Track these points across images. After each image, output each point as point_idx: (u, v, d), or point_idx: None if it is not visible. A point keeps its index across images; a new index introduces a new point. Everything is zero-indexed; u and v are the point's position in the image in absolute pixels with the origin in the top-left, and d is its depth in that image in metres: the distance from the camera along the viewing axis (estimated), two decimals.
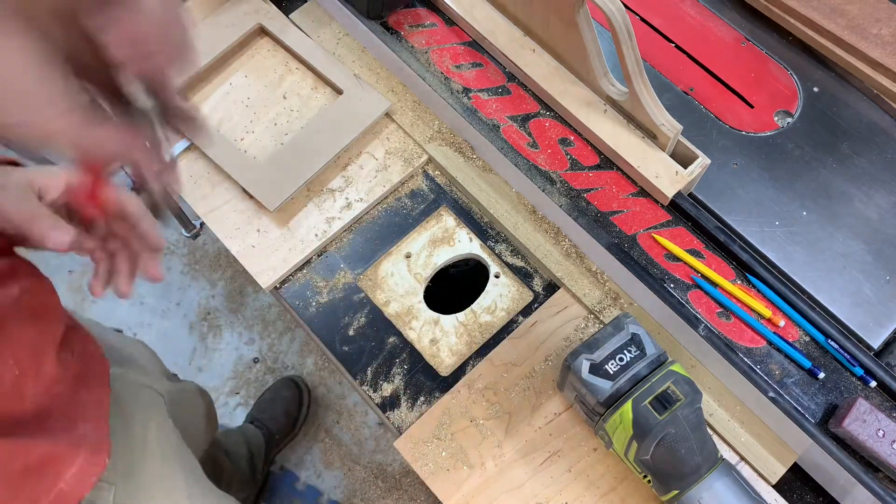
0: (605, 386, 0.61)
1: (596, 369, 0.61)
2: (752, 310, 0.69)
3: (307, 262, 0.77)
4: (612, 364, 0.61)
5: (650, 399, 0.59)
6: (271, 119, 0.82)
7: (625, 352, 0.61)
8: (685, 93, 0.82)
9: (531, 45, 0.79)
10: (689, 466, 0.59)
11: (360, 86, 0.82)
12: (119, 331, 0.93)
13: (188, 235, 1.46)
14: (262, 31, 0.87)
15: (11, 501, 0.51)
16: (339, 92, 0.83)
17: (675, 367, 0.61)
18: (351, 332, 0.74)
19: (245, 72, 0.85)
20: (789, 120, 0.81)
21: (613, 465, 0.68)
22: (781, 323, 0.69)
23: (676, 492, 0.60)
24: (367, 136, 0.82)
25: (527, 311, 0.75)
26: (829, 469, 0.64)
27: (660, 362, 0.62)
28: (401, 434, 0.69)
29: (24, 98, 0.35)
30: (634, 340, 0.62)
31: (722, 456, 0.62)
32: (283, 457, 1.56)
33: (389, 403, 0.71)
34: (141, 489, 0.69)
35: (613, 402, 0.61)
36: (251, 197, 0.78)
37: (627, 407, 0.59)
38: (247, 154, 0.79)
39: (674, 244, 0.71)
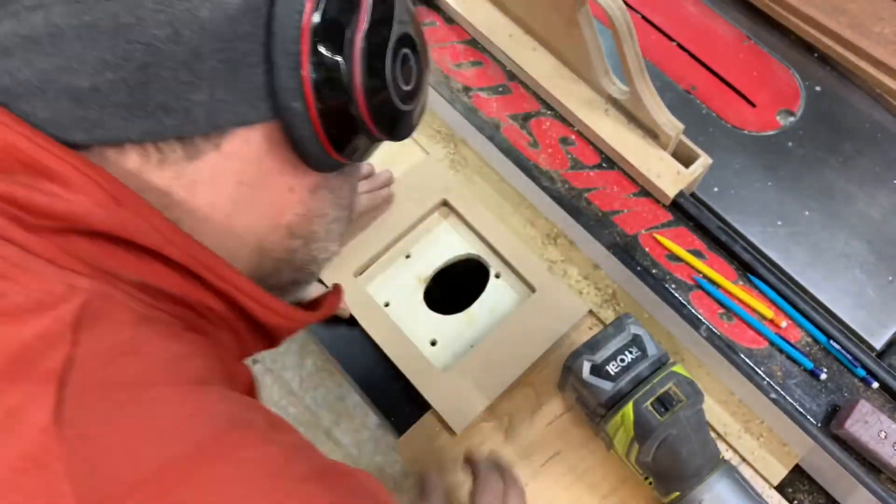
0: (606, 387, 0.60)
1: (597, 370, 0.61)
2: (754, 310, 0.69)
3: None
4: (613, 365, 0.61)
5: (651, 400, 0.59)
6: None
7: (626, 353, 0.61)
8: (687, 91, 0.82)
9: (531, 44, 0.79)
10: (691, 468, 0.58)
11: (556, 283, 0.73)
12: None
13: None
14: (446, 206, 0.79)
15: None
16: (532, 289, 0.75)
17: (677, 369, 0.61)
18: (351, 333, 0.73)
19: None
20: (791, 119, 0.81)
21: (614, 467, 0.67)
22: (783, 324, 0.68)
23: (678, 493, 0.59)
24: None
25: None
26: (830, 471, 0.64)
27: (661, 363, 0.62)
28: (401, 435, 0.69)
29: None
30: (636, 341, 0.62)
31: (723, 457, 0.62)
32: None
33: (390, 404, 0.70)
34: None
35: (614, 403, 0.60)
36: None
37: (629, 408, 0.59)
38: None
39: (675, 244, 0.71)
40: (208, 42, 0.33)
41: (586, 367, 0.61)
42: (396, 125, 0.40)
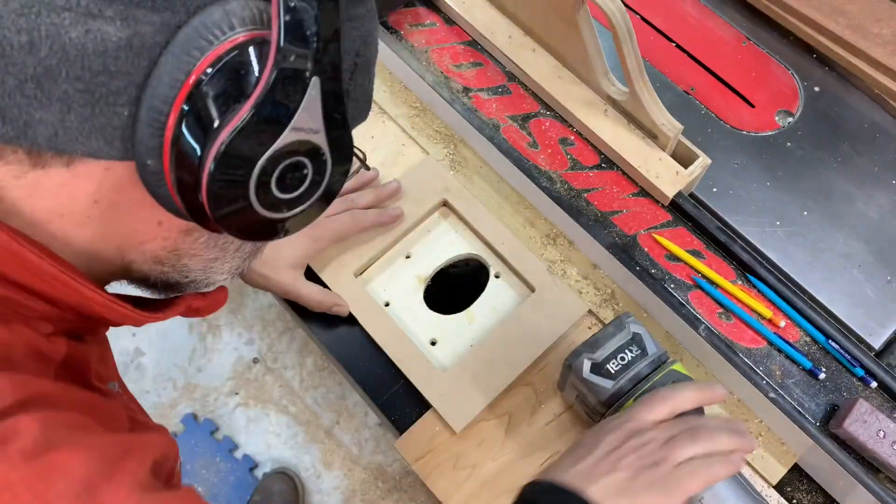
0: (607, 385, 0.60)
1: (597, 369, 0.61)
2: (753, 310, 0.69)
3: None
4: (613, 363, 0.61)
5: None
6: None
7: (626, 351, 0.61)
8: (686, 92, 0.82)
9: (531, 45, 0.79)
10: None
11: (556, 284, 0.73)
12: None
13: None
14: (446, 206, 0.79)
15: None
16: (531, 289, 0.74)
17: (677, 367, 0.61)
18: (351, 333, 0.73)
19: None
20: (790, 120, 0.81)
21: None
22: (782, 323, 0.68)
23: None
24: (364, 138, 0.82)
25: None
26: (829, 470, 0.64)
27: (661, 362, 0.62)
28: (401, 434, 0.69)
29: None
30: (635, 340, 0.62)
31: None
32: (279, 457, 1.56)
33: (389, 403, 0.71)
34: None
35: (615, 401, 0.61)
36: None
37: (629, 407, 0.59)
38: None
39: (674, 244, 0.71)
40: (69, 66, 0.30)
41: (587, 365, 0.61)
42: (249, 229, 0.36)
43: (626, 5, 0.63)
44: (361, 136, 0.82)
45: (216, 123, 0.31)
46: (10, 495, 0.30)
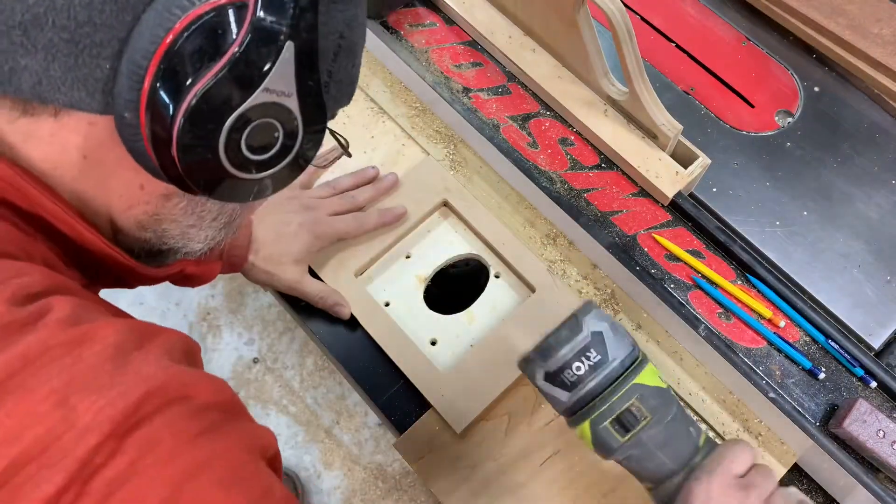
0: (563, 397, 0.53)
1: (552, 378, 0.53)
2: (753, 310, 0.69)
3: None
4: (568, 373, 0.52)
5: (610, 420, 0.51)
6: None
7: (583, 358, 0.52)
8: (685, 92, 0.82)
9: (531, 45, 0.79)
10: (661, 474, 0.54)
11: (556, 284, 0.73)
12: None
13: None
14: (446, 206, 0.79)
15: None
16: (531, 289, 0.74)
17: (643, 377, 0.53)
18: (351, 333, 0.73)
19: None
20: (790, 120, 0.81)
21: (613, 465, 0.67)
22: (782, 323, 0.68)
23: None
24: (365, 138, 0.82)
25: None
26: (829, 469, 0.64)
27: (624, 368, 0.53)
28: (401, 434, 0.69)
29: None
30: (595, 342, 0.52)
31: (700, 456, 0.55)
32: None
33: (389, 403, 0.71)
34: None
35: (573, 413, 0.53)
36: None
37: (585, 427, 0.52)
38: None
39: (674, 244, 0.71)
40: (55, 14, 0.31)
41: (539, 373, 0.54)
42: (218, 187, 0.37)
43: (626, 5, 0.63)
44: (362, 135, 0.82)
45: (190, 79, 0.33)
46: (50, 358, 0.32)
